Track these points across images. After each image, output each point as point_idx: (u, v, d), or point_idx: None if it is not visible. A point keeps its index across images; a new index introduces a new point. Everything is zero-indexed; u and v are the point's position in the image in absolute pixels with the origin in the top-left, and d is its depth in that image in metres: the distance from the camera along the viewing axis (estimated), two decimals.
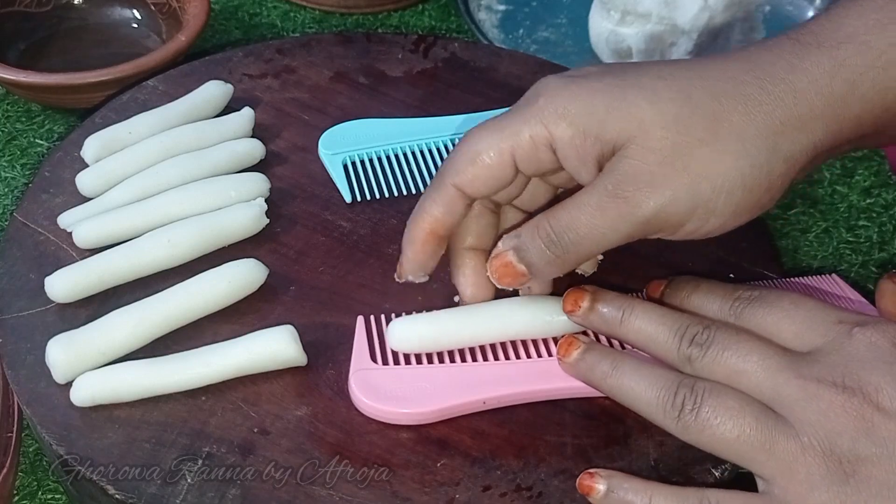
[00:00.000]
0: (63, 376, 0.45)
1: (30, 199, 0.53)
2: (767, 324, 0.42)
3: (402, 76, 0.63)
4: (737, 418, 0.39)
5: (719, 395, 0.40)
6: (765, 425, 0.39)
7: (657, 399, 0.41)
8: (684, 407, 0.40)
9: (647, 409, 0.42)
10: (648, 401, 0.41)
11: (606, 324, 0.44)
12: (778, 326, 0.42)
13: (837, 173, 0.67)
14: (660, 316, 0.43)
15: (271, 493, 0.42)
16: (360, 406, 0.44)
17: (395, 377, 0.45)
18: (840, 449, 0.38)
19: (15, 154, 0.66)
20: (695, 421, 0.40)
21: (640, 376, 0.42)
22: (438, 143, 0.58)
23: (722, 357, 0.41)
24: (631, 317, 0.43)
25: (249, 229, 0.51)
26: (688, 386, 0.40)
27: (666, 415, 0.41)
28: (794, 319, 0.41)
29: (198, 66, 0.62)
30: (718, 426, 0.39)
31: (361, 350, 0.46)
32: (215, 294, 0.47)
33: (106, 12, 0.75)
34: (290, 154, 0.57)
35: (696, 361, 0.41)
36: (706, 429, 0.40)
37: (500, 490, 0.43)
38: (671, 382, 0.41)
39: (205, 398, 0.45)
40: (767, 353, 0.40)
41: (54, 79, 0.64)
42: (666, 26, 0.70)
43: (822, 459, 0.38)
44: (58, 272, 0.48)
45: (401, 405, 0.44)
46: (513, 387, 0.45)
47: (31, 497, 0.49)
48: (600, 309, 0.44)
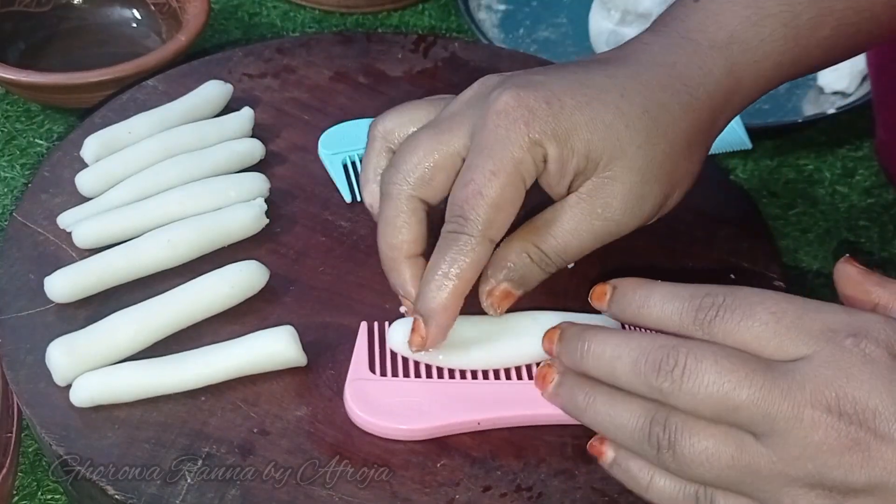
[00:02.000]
0: (64, 379, 0.44)
1: (29, 199, 0.53)
2: (745, 339, 0.38)
3: (402, 76, 0.63)
4: (713, 456, 0.37)
5: (692, 433, 0.37)
6: (742, 458, 0.37)
7: (632, 438, 0.39)
8: (660, 446, 0.38)
9: (625, 444, 0.40)
10: (624, 438, 0.40)
11: (572, 362, 0.42)
12: (758, 340, 0.37)
13: (838, 173, 0.67)
14: (615, 347, 0.39)
15: (271, 493, 0.42)
16: (354, 418, 0.44)
17: (390, 390, 0.44)
18: (832, 480, 0.35)
19: (14, 154, 0.66)
20: (673, 460, 0.38)
21: (612, 410, 0.40)
22: None
23: (698, 388, 0.37)
24: (589, 352, 0.40)
25: (249, 229, 0.51)
26: (660, 423, 0.38)
27: (644, 452, 0.39)
28: (777, 331, 0.37)
29: (197, 65, 0.62)
30: (698, 465, 0.37)
31: (360, 359, 0.45)
32: (217, 297, 0.47)
33: (106, 12, 0.75)
34: (290, 154, 0.57)
35: (671, 396, 0.38)
36: (685, 468, 0.38)
37: (501, 490, 0.43)
38: (644, 420, 0.38)
39: (204, 398, 0.45)
40: (755, 379, 0.36)
41: (54, 79, 0.64)
42: None
43: (810, 488, 0.36)
44: (57, 272, 0.48)
45: (393, 420, 0.43)
46: (510, 409, 0.44)
47: (30, 497, 0.49)
48: (564, 349, 0.42)
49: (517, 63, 0.64)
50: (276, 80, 0.61)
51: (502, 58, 0.65)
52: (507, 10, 0.82)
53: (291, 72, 0.62)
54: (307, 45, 0.64)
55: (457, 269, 0.42)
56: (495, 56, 0.65)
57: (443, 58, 0.64)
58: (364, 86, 0.62)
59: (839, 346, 0.36)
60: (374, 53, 0.64)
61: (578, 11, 0.80)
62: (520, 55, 0.66)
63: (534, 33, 0.80)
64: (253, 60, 0.63)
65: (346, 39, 0.65)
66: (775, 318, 0.37)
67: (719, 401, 0.36)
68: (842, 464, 0.35)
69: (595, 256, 0.46)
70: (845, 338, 0.36)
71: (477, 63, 0.64)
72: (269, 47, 0.64)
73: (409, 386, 0.44)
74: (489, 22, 0.80)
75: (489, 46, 0.69)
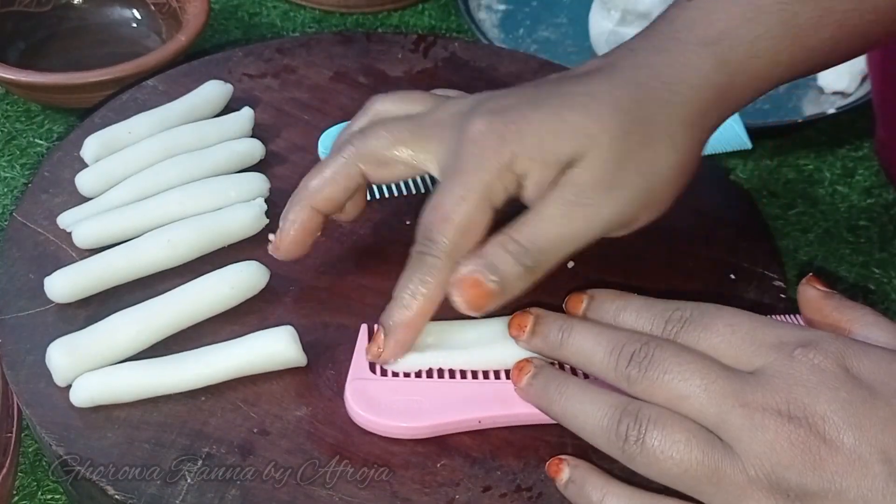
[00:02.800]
0: (64, 380, 0.44)
1: (29, 199, 0.53)
2: (705, 349, 0.40)
3: (403, 76, 0.63)
4: (683, 452, 0.37)
5: (664, 426, 0.38)
6: (711, 458, 0.37)
7: (601, 427, 0.39)
8: (628, 437, 0.38)
9: (592, 438, 0.40)
10: (592, 429, 0.40)
11: (549, 347, 0.43)
12: (716, 350, 0.40)
13: (838, 173, 0.67)
14: (596, 334, 0.42)
15: (271, 493, 0.42)
16: (355, 417, 0.44)
17: (391, 389, 0.44)
18: (787, 483, 0.36)
19: (14, 154, 0.66)
20: (640, 453, 0.38)
21: (584, 401, 0.40)
22: None
23: (663, 380, 0.39)
24: (570, 338, 0.42)
25: (249, 229, 0.51)
26: (632, 414, 0.39)
27: (611, 444, 0.39)
28: (732, 343, 0.40)
29: (198, 65, 0.62)
30: (664, 460, 0.38)
31: (361, 359, 0.45)
32: (218, 298, 0.47)
33: (106, 12, 0.75)
34: (290, 154, 0.57)
35: (636, 383, 0.40)
36: (652, 462, 0.38)
37: (501, 490, 0.43)
38: (615, 410, 0.39)
39: (204, 399, 0.45)
40: (710, 375, 0.38)
41: (54, 79, 0.64)
42: None
43: (769, 493, 0.37)
44: (57, 272, 0.48)
45: (394, 419, 0.43)
46: (511, 408, 0.44)
47: (30, 497, 0.49)
48: (542, 332, 0.43)
49: (517, 63, 0.64)
50: (276, 80, 0.61)
51: (502, 58, 0.65)
52: (507, 10, 0.82)
53: (291, 72, 0.62)
54: (307, 45, 0.64)
55: (423, 289, 0.43)
56: (495, 56, 0.65)
57: (443, 58, 0.64)
58: (364, 86, 0.62)
59: (789, 356, 0.38)
60: (374, 53, 0.64)
61: (578, 11, 0.80)
62: (520, 55, 0.66)
63: (534, 33, 0.80)
64: (253, 60, 0.63)
65: (346, 39, 0.65)
66: (731, 329, 0.40)
67: (673, 388, 0.39)
68: (794, 464, 0.36)
69: (595, 258, 0.46)
70: (795, 348, 0.38)
71: (477, 63, 0.64)
72: (269, 47, 0.64)
73: (409, 385, 0.44)
74: (489, 22, 0.80)
75: (489, 46, 0.69)
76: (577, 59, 0.77)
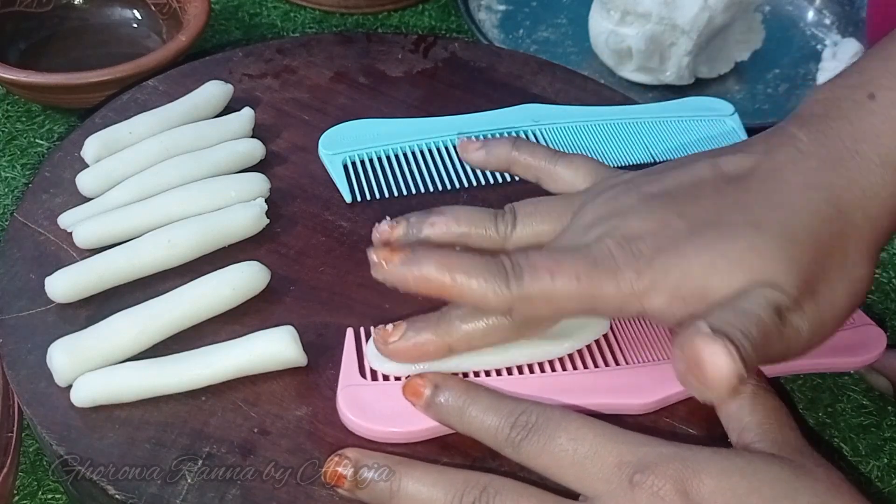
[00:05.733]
0: (65, 380, 0.44)
1: (30, 200, 0.53)
2: (547, 463, 0.39)
3: (403, 76, 0.63)
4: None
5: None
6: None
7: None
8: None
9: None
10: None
11: (378, 497, 0.41)
12: (560, 466, 0.39)
13: None
14: (433, 480, 0.40)
15: (271, 493, 0.42)
16: (349, 424, 0.43)
17: (384, 394, 0.43)
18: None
19: (15, 154, 0.66)
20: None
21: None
22: (438, 143, 0.58)
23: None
24: (401, 491, 0.40)
25: (249, 229, 0.51)
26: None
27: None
28: (574, 460, 0.38)
29: (198, 66, 0.62)
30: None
31: (350, 365, 0.45)
32: (219, 298, 0.47)
33: (106, 12, 0.75)
34: (290, 154, 0.57)
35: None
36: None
37: None
38: None
39: (205, 398, 0.45)
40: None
41: (54, 79, 0.65)
42: (666, 26, 0.70)
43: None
44: (58, 272, 0.48)
45: (389, 424, 0.43)
46: None
47: (31, 497, 0.49)
48: (364, 481, 0.41)
49: (517, 63, 0.64)
50: (276, 81, 0.61)
51: (502, 58, 0.65)
52: (507, 10, 0.82)
53: (292, 72, 0.62)
54: (307, 45, 0.64)
55: (470, 327, 0.42)
56: (495, 56, 0.65)
57: (443, 58, 0.64)
58: (364, 86, 0.62)
59: (629, 482, 0.37)
60: (374, 53, 0.64)
61: (578, 11, 0.80)
62: (520, 55, 0.66)
63: (534, 33, 0.80)
64: (253, 61, 0.63)
65: (347, 40, 0.65)
66: (574, 444, 0.39)
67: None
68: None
69: None
70: (634, 472, 0.37)
71: (477, 63, 0.64)
72: (269, 47, 0.64)
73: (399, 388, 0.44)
74: (489, 22, 0.80)
75: (489, 47, 0.69)
76: (577, 59, 0.77)
